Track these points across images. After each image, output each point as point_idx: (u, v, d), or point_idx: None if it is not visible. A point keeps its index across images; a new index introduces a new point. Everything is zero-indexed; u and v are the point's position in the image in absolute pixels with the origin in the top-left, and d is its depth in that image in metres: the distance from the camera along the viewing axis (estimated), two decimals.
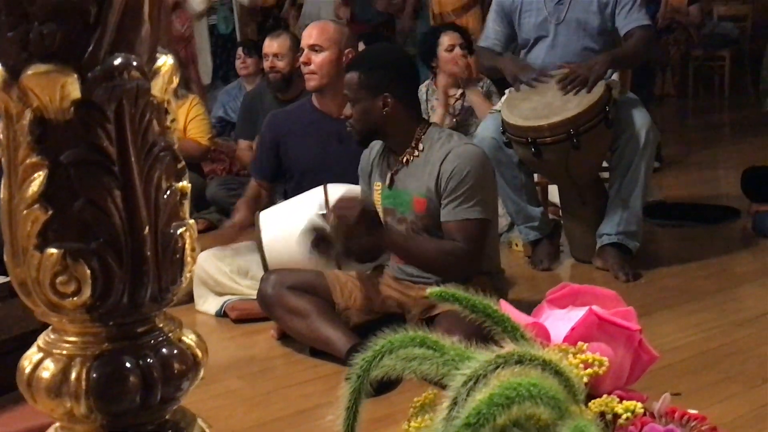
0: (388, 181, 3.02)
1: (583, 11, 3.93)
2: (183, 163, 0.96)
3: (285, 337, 3.17)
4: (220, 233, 3.84)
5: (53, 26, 0.86)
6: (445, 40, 4.77)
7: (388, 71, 2.95)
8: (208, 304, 3.56)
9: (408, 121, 2.98)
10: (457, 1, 6.98)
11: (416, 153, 2.97)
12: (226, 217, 4.93)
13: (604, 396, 1.16)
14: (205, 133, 5.09)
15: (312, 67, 3.56)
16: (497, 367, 1.00)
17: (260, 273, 3.24)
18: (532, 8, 3.99)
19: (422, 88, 4.68)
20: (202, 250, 3.58)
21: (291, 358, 3.07)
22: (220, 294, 3.57)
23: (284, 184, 3.77)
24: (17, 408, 2.07)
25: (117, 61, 0.88)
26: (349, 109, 3.00)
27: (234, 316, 3.46)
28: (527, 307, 1.44)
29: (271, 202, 3.65)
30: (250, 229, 3.48)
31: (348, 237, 2.79)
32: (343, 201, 2.83)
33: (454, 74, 4.72)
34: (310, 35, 3.61)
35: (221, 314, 3.50)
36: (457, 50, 4.71)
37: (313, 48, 3.56)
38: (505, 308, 1.18)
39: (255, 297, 3.18)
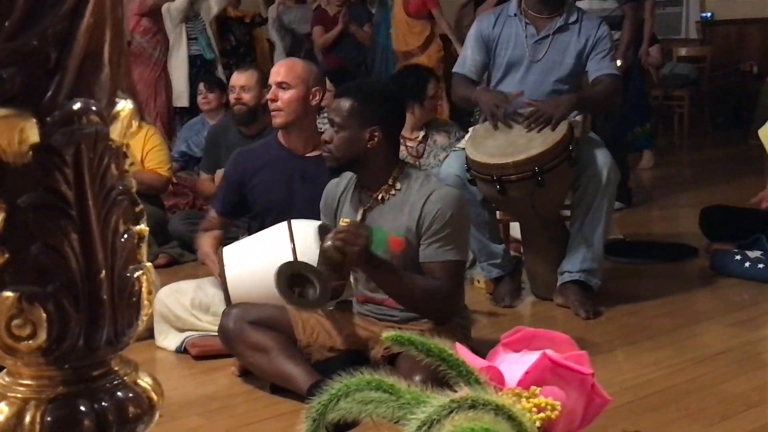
0: (359, 217, 3.01)
1: (560, 53, 3.98)
2: (141, 206, 0.96)
3: (246, 374, 3.15)
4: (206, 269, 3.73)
5: (13, 70, 0.86)
6: (431, 86, 4.85)
7: (382, 106, 2.96)
8: (169, 340, 3.53)
9: (387, 159, 2.98)
10: (416, 41, 7.23)
11: (393, 192, 2.97)
12: (189, 252, 4.92)
13: None
14: (164, 164, 5.03)
15: (279, 104, 3.57)
16: (451, 412, 1.01)
17: (222, 309, 3.22)
18: (510, 41, 4.04)
19: None
20: (163, 286, 3.57)
21: (252, 396, 3.05)
22: (181, 330, 3.54)
23: (248, 220, 3.77)
24: None
25: (76, 106, 0.88)
26: (330, 134, 2.97)
27: (195, 353, 3.43)
28: (488, 344, 1.46)
29: (223, 237, 3.64)
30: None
31: (340, 266, 2.77)
32: (351, 229, 2.75)
33: (433, 118, 4.91)
34: (278, 72, 3.63)
35: (182, 350, 3.47)
36: (439, 101, 4.89)
37: (281, 85, 3.58)
38: (461, 352, 1.19)
39: (216, 333, 3.16)
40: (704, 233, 4.75)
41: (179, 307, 3.55)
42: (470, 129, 4.10)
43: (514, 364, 1.22)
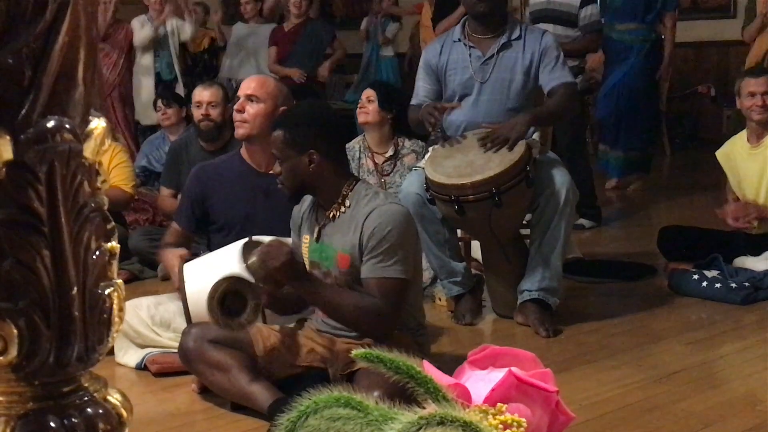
0: (315, 235, 3.04)
1: (507, 71, 4.02)
2: (113, 223, 0.97)
3: (206, 392, 3.14)
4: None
5: None
6: None
7: (312, 128, 2.98)
8: (129, 356, 3.51)
9: (335, 178, 3.00)
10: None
11: (342, 209, 2.99)
12: (149, 268, 4.89)
13: None
14: (129, 181, 5.04)
15: (245, 115, 3.57)
16: (420, 429, 1.02)
17: (183, 325, 3.21)
18: (458, 66, 4.08)
19: (354, 146, 4.71)
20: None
21: (212, 413, 3.04)
22: (142, 346, 3.52)
23: (209, 235, 3.76)
24: None
25: (50, 124, 0.89)
26: (278, 166, 3.02)
27: (155, 370, 3.41)
28: (449, 361, 1.47)
29: (188, 251, 3.63)
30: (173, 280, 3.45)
31: (268, 282, 2.79)
32: (272, 245, 2.82)
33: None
34: (248, 86, 3.64)
35: (142, 367, 3.45)
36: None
37: (250, 98, 3.58)
38: (428, 369, 1.20)
39: (177, 350, 3.15)
40: (662, 253, 4.80)
41: (140, 323, 3.53)
42: (430, 148, 4.12)
43: (480, 382, 1.24)
